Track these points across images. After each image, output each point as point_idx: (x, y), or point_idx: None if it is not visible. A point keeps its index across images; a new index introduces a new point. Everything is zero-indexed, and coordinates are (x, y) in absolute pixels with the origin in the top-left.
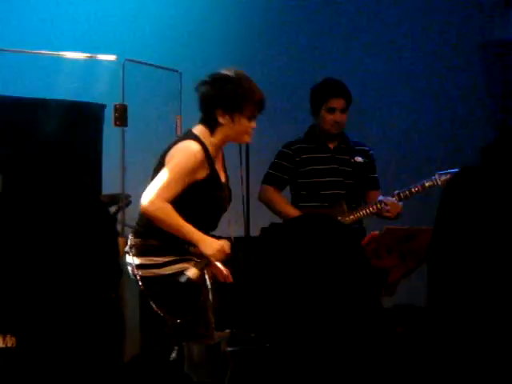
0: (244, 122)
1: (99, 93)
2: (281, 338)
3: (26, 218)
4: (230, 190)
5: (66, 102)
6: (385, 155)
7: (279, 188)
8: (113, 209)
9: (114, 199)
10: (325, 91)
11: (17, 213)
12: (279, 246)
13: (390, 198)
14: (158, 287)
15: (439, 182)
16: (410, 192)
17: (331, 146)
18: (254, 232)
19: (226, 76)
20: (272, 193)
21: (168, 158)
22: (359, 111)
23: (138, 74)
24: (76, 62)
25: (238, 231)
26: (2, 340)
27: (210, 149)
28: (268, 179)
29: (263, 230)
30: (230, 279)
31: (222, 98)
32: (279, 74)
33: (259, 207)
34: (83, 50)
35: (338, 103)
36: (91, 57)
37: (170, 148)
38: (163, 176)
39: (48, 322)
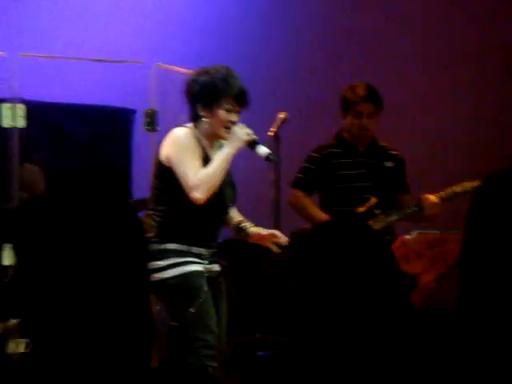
0: (221, 114)
1: (129, 98)
2: (311, 343)
3: (56, 222)
4: (233, 190)
5: (97, 107)
6: (414, 161)
7: (308, 192)
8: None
9: (143, 204)
10: (353, 94)
11: (50, 216)
12: (309, 250)
13: (433, 198)
14: (159, 291)
15: (469, 190)
16: (441, 198)
17: (361, 150)
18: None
19: (205, 70)
20: (301, 197)
21: (164, 155)
22: (391, 114)
23: (168, 78)
24: (106, 67)
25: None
26: (25, 345)
27: (200, 136)
28: (297, 183)
29: (293, 234)
30: (283, 240)
31: (200, 91)
32: (309, 78)
33: (289, 211)
34: (114, 56)
35: (364, 107)
36: (121, 62)
37: (161, 144)
38: (179, 167)
39: (76, 326)
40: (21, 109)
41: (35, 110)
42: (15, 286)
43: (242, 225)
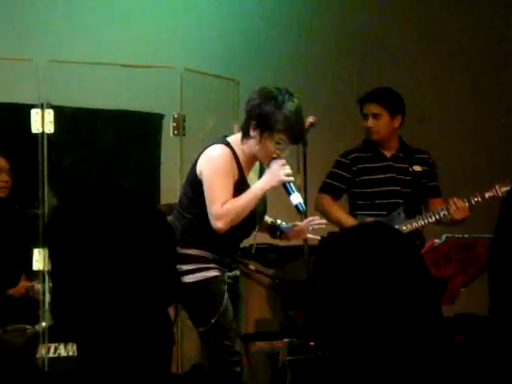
0: (270, 144)
1: (157, 102)
2: (340, 348)
3: (89, 226)
4: (263, 207)
5: (126, 112)
6: (444, 164)
7: (335, 197)
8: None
9: (171, 209)
10: (361, 98)
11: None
12: (337, 255)
13: (461, 202)
14: (180, 296)
15: (500, 193)
16: (469, 203)
17: (388, 154)
18: (313, 241)
19: (273, 95)
20: (328, 202)
21: (199, 169)
22: (420, 118)
23: (196, 83)
24: (134, 71)
25: (296, 240)
26: (63, 348)
27: (240, 154)
28: (324, 188)
29: (322, 239)
30: (322, 221)
31: (259, 116)
32: (338, 80)
33: (317, 215)
34: (142, 60)
35: (368, 108)
36: (150, 66)
37: (199, 156)
38: (208, 190)
39: (108, 330)
40: (50, 114)
41: (64, 115)
42: (53, 291)
43: (277, 224)
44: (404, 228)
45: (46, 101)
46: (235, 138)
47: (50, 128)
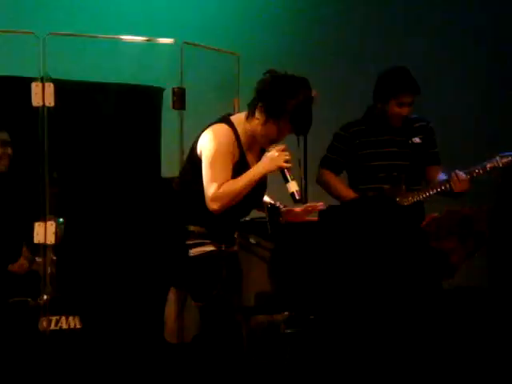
0: (274, 130)
1: (157, 76)
2: (339, 319)
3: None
4: (263, 187)
5: (125, 86)
6: (446, 135)
7: (336, 171)
8: None
9: (172, 183)
10: (397, 85)
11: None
12: (338, 228)
13: (462, 174)
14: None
15: (500, 164)
16: (471, 175)
17: (389, 128)
18: (313, 214)
19: (289, 84)
20: (329, 176)
21: (199, 147)
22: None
23: (196, 57)
24: (134, 45)
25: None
26: (65, 321)
27: (242, 134)
28: (325, 162)
29: (322, 212)
30: (319, 206)
31: (269, 98)
32: (337, 56)
33: (317, 190)
34: (141, 34)
35: (408, 98)
36: (149, 40)
37: (201, 133)
38: (206, 170)
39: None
40: (50, 87)
41: (64, 88)
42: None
43: (275, 206)
44: (405, 201)
45: (46, 74)
46: (238, 118)
47: (50, 101)
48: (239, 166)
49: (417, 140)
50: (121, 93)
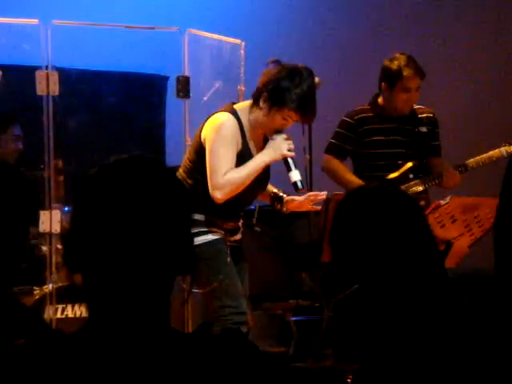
0: (277, 119)
1: (162, 65)
2: (345, 307)
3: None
4: (266, 175)
5: (130, 74)
6: (451, 125)
7: (341, 158)
8: None
9: (176, 172)
10: (401, 69)
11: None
12: (343, 216)
13: (450, 169)
14: None
15: (505, 154)
16: (477, 163)
17: (395, 115)
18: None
19: (293, 73)
20: (334, 162)
21: (203, 135)
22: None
23: (201, 45)
24: (139, 33)
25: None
26: (71, 309)
27: (245, 123)
28: (330, 149)
29: (327, 200)
30: (321, 195)
31: (273, 87)
32: (342, 42)
33: (322, 177)
34: (146, 22)
35: (415, 83)
36: (153, 28)
37: (205, 122)
38: (210, 159)
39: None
40: (54, 76)
41: (69, 77)
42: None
43: (279, 195)
44: (410, 189)
45: (50, 63)
46: (243, 106)
47: (54, 90)
48: (242, 155)
49: (423, 129)
50: (125, 81)
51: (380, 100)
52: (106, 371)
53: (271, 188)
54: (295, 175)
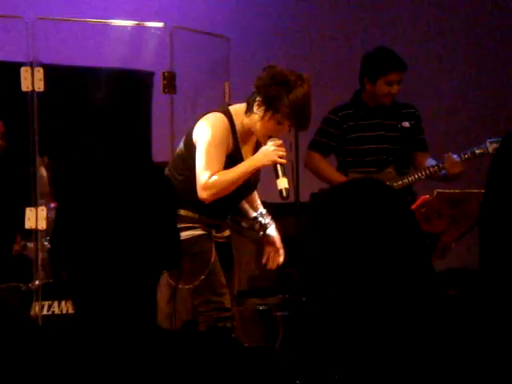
0: (271, 124)
1: (147, 60)
2: (331, 302)
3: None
4: (256, 179)
5: (115, 70)
6: (436, 121)
7: (325, 154)
8: None
9: (163, 167)
10: (385, 64)
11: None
12: (328, 211)
13: (456, 157)
14: None
15: (490, 150)
16: (461, 159)
17: (378, 111)
18: (304, 198)
19: (288, 80)
20: (318, 159)
21: (195, 134)
22: (411, 77)
23: (187, 41)
24: (124, 29)
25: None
26: (57, 306)
27: (238, 126)
28: (314, 145)
29: (313, 195)
30: (278, 261)
31: (267, 93)
32: (328, 38)
33: (309, 173)
34: (131, 18)
35: (397, 76)
36: (139, 24)
37: (198, 120)
38: (200, 158)
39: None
40: (39, 72)
41: (54, 73)
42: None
43: (263, 222)
44: (395, 184)
45: (35, 58)
46: (237, 110)
47: (39, 86)
48: (233, 158)
49: (406, 124)
50: (110, 77)
51: (363, 96)
52: (92, 368)
53: (257, 204)
54: (282, 183)
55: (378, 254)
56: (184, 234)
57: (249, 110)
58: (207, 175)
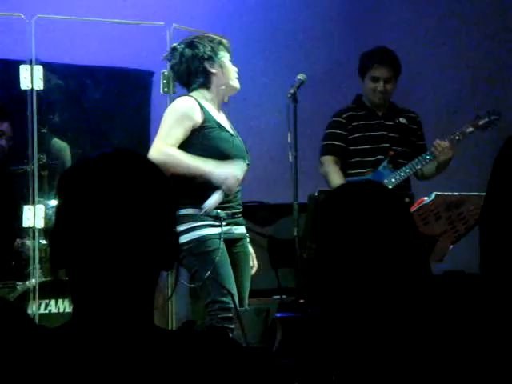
0: (227, 63)
1: (147, 60)
2: (329, 304)
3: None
4: (242, 143)
5: (115, 69)
6: (432, 121)
7: (339, 156)
8: None
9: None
10: (369, 58)
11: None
12: (328, 213)
13: (443, 142)
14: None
15: (479, 124)
16: (452, 142)
17: (379, 113)
18: (303, 198)
19: (192, 39)
20: (330, 163)
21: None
22: (407, 75)
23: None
24: (124, 28)
25: (286, 197)
26: (54, 305)
27: (204, 102)
28: (326, 150)
29: (310, 196)
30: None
31: (198, 54)
32: (328, 38)
33: (307, 173)
34: (131, 17)
35: (381, 72)
36: (139, 23)
37: None
38: (161, 127)
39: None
40: (39, 71)
41: (53, 72)
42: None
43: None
44: (393, 180)
45: (34, 57)
46: (197, 92)
47: (39, 84)
48: (207, 118)
49: (403, 121)
50: (110, 76)
51: (363, 97)
52: (89, 367)
53: None
54: (210, 201)
55: (376, 256)
56: (189, 236)
57: (208, 82)
58: (166, 143)
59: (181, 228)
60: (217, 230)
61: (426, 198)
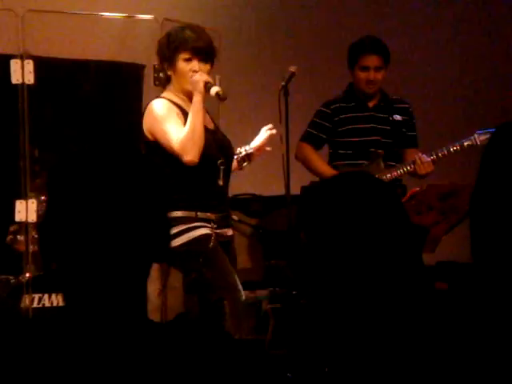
0: (181, 65)
1: (138, 53)
2: (320, 295)
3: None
4: (224, 137)
5: (106, 63)
6: (425, 113)
7: (316, 147)
8: None
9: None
10: (358, 48)
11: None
12: (318, 204)
13: (425, 157)
14: (170, 260)
15: (478, 142)
16: (449, 151)
17: (370, 104)
18: (295, 190)
19: (165, 35)
20: (309, 151)
21: (145, 126)
22: (400, 68)
23: None
24: (115, 22)
25: (278, 190)
26: (47, 299)
27: (175, 100)
28: (306, 137)
29: (303, 188)
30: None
31: (160, 54)
32: (318, 30)
33: (300, 165)
34: (122, 10)
35: (371, 61)
36: (130, 17)
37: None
38: (162, 134)
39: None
40: (29, 64)
41: (44, 66)
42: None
43: (244, 155)
44: (384, 177)
45: (25, 51)
46: (165, 93)
47: (29, 78)
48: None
49: (398, 117)
50: (101, 70)
51: (354, 87)
52: (82, 360)
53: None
54: (214, 89)
55: (368, 246)
56: (183, 238)
57: (169, 82)
58: (174, 142)
59: (173, 231)
60: (208, 231)
61: (418, 189)
